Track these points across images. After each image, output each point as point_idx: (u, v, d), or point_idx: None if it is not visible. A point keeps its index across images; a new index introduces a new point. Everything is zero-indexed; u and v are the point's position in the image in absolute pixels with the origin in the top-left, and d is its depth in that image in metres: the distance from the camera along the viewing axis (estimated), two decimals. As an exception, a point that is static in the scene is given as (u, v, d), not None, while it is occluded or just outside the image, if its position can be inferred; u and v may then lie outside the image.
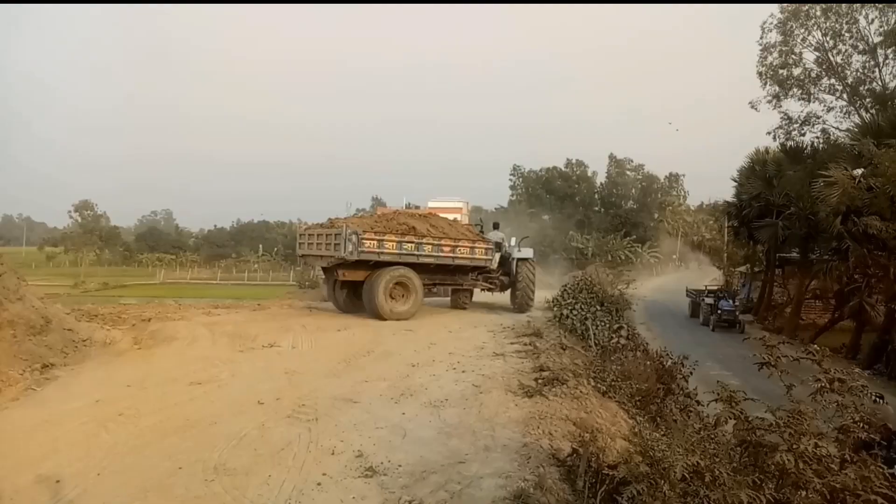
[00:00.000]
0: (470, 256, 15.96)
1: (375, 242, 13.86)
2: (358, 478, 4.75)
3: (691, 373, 10.47)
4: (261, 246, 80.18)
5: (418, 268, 14.76)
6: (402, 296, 14.58)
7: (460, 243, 15.75)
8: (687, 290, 31.34)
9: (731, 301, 26.18)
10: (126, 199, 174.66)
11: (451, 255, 15.45)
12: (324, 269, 15.46)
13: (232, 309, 16.11)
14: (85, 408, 6.54)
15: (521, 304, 17.42)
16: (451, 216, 19.55)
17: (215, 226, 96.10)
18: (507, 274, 17.69)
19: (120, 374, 8.14)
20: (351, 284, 14.77)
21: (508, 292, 18.04)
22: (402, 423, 6.20)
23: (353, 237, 13.39)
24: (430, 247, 14.91)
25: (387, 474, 4.83)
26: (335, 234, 13.63)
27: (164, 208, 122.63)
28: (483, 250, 16.25)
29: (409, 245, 14.52)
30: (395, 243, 14.25)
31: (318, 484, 4.63)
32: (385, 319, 13.85)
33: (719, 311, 25.07)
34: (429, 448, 5.46)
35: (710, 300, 26.69)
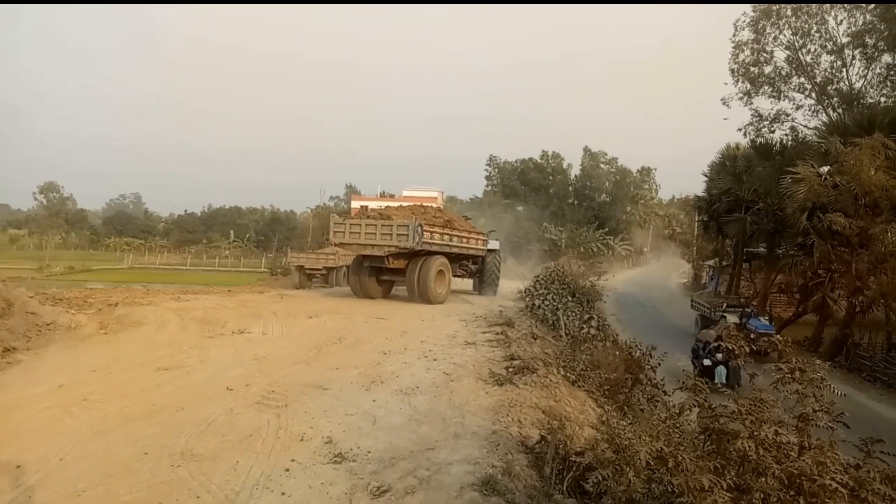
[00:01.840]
0: (475, 247, 18.19)
1: (429, 234, 15.39)
2: (327, 464, 4.73)
3: (659, 363, 10.69)
4: (232, 232, 79.16)
5: (448, 256, 16.63)
6: (440, 282, 16.30)
7: (471, 235, 17.98)
8: (693, 301, 25.86)
9: (762, 318, 20.32)
10: (93, 181, 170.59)
11: (465, 245, 17.48)
12: (362, 256, 16.42)
13: (202, 295, 15.90)
14: (48, 392, 6.41)
15: (487, 288, 19.54)
16: (426, 206, 20.72)
17: (186, 211, 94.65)
18: (475, 262, 19.44)
19: (85, 359, 7.99)
20: (376, 271, 16.45)
21: (473, 280, 20.35)
22: (373, 409, 6.18)
23: (419, 229, 14.83)
24: (456, 238, 16.85)
25: (356, 460, 4.82)
26: (400, 226, 15.00)
27: (132, 192, 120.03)
28: (481, 241, 18.51)
29: (447, 237, 16.35)
30: (439, 235, 15.95)
31: (287, 470, 4.60)
32: (432, 303, 15.50)
33: (751, 335, 17.13)
34: (398, 435, 5.46)
35: (732, 317, 20.11)
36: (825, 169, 17.55)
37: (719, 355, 14.78)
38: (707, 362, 15.25)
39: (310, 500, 4.11)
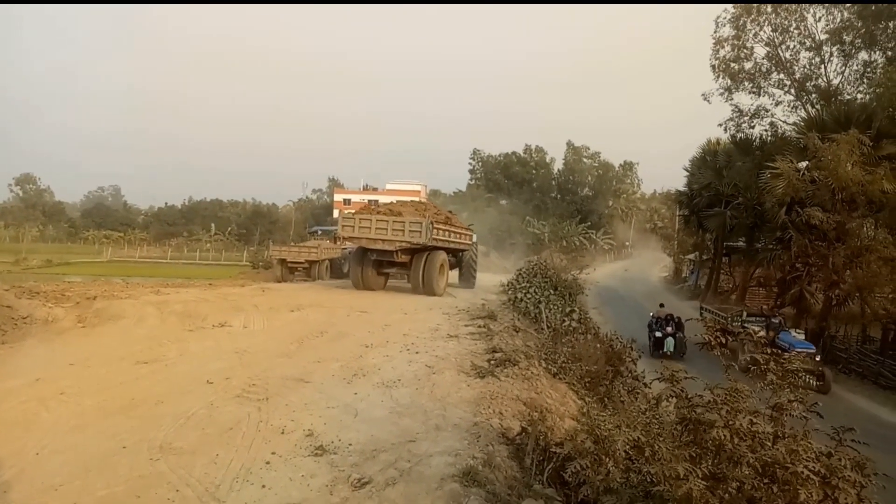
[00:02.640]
0: (465, 242, 19.25)
1: (436, 230, 16.16)
2: (307, 456, 4.73)
3: (640, 356, 10.81)
4: (213, 225, 78.37)
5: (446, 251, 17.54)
6: (442, 275, 17.25)
7: (462, 230, 18.99)
8: (703, 309, 21.31)
9: (795, 332, 16.85)
10: (72, 173, 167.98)
11: (459, 240, 18.45)
12: (365, 250, 16.98)
13: (182, 288, 15.75)
14: (24, 386, 6.31)
15: (466, 280, 20.44)
16: (408, 198, 21.30)
17: (166, 203, 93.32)
18: (455, 255, 19.85)
19: (62, 353, 7.88)
20: (378, 264, 17.17)
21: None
22: (354, 402, 6.18)
23: (431, 226, 15.68)
24: (453, 234, 17.76)
25: (337, 453, 4.82)
26: (413, 222, 15.73)
27: (111, 184, 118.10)
28: (469, 236, 19.58)
29: (447, 233, 17.17)
30: (443, 231, 16.71)
31: (267, 463, 4.59)
32: (435, 295, 16.28)
33: (786, 354, 12.22)
34: (380, 427, 5.47)
35: (756, 328, 16.35)
36: (803, 164, 17.80)
37: (669, 329, 17.95)
38: (658, 335, 17.95)
39: (290, 492, 4.10)
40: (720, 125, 27.24)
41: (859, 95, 22.71)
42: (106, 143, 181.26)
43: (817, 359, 14.82)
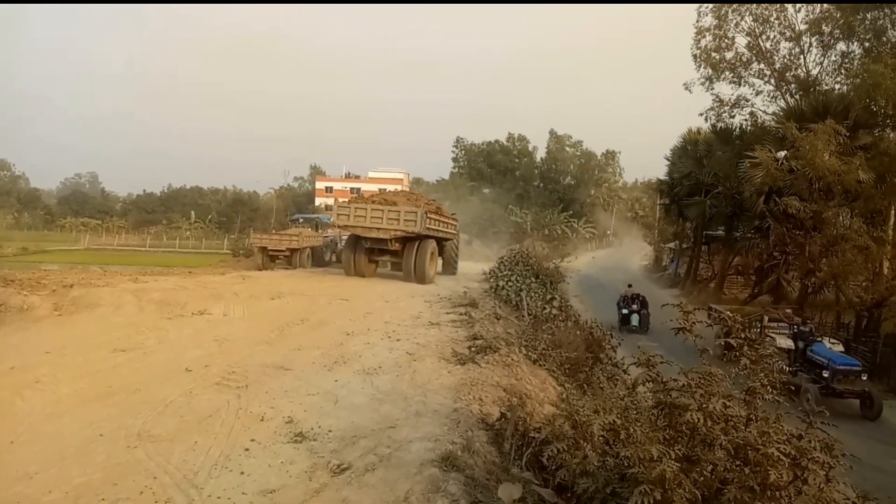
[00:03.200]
0: (451, 231, 19.76)
1: (429, 220, 16.70)
2: (287, 443, 4.73)
3: (619, 343, 10.92)
4: (193, 213, 77.45)
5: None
6: (432, 263, 17.95)
7: (448, 219, 19.50)
8: (712, 311, 16.24)
9: (831, 342, 13.66)
10: (47, 159, 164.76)
11: (446, 230, 18.96)
12: (357, 238, 17.59)
13: (161, 276, 15.60)
14: (-2, 375, 6.22)
15: (448, 267, 20.90)
16: (391, 187, 21.49)
17: (144, 191, 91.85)
18: (439, 243, 19.90)
19: (37, 341, 7.77)
20: (369, 252, 17.72)
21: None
22: (335, 389, 6.18)
23: (426, 215, 16.26)
24: (441, 224, 18.31)
25: (316, 439, 4.82)
26: (408, 212, 16.28)
27: (89, 171, 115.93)
28: (454, 225, 20.12)
29: (437, 222, 17.77)
30: (434, 220, 17.27)
31: (246, 449, 4.58)
32: (427, 283, 16.83)
33: (822, 371, 12.42)
34: (360, 414, 5.48)
35: (783, 340, 13.65)
36: (782, 154, 17.99)
37: (634, 306, 19.86)
38: (625, 311, 19.82)
39: (269, 478, 4.10)
40: (701, 114, 27.36)
41: (837, 86, 22.96)
42: (85, 128, 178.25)
43: (864, 377, 12.38)
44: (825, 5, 23.22)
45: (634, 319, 19.49)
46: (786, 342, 13.65)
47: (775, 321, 15.49)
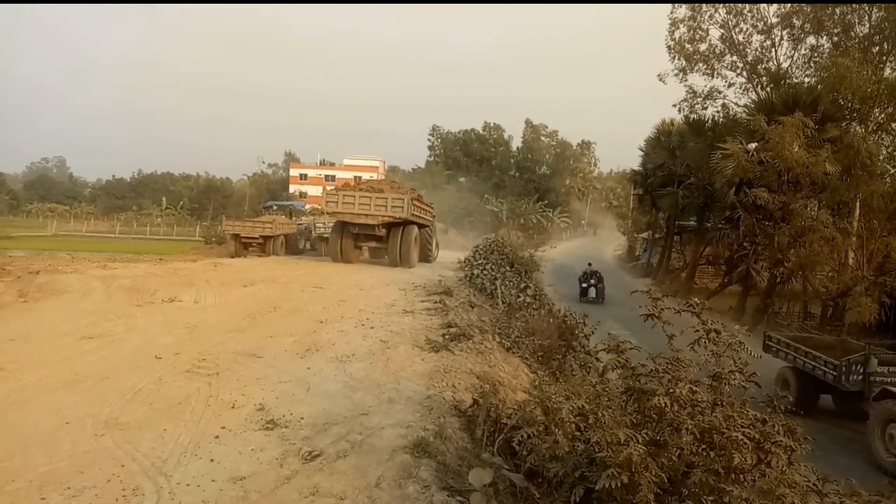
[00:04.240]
0: (429, 218, 20.56)
1: (414, 206, 17.55)
2: (258, 430, 4.70)
3: (593, 332, 11.02)
4: (164, 199, 76.00)
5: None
6: (415, 249, 18.58)
7: (428, 207, 20.37)
8: (772, 344, 13.03)
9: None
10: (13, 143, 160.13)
11: (425, 216, 19.67)
12: (344, 224, 18.10)
13: (131, 263, 15.33)
14: (-41, 363, 6.07)
15: (425, 256, 21.15)
16: (366, 174, 21.80)
17: (114, 176, 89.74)
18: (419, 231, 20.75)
19: (1, 328, 7.60)
20: (355, 238, 18.34)
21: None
22: (307, 377, 6.15)
23: (411, 201, 17.16)
24: (423, 211, 19.24)
25: (288, 426, 4.80)
26: (395, 199, 17.10)
27: (56, 155, 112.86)
28: (432, 213, 21.06)
29: (419, 209, 18.57)
30: (417, 207, 18.13)
31: (216, 437, 4.54)
32: (411, 267, 17.67)
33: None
34: (332, 401, 5.46)
35: (822, 368, 11.13)
36: (752, 146, 18.30)
37: (592, 281, 23.78)
38: (584, 285, 23.76)
39: (239, 466, 4.07)
40: (674, 106, 27.58)
41: (807, 79, 23.32)
42: (52, 113, 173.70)
43: None
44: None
45: (592, 292, 23.46)
46: (822, 368, 10.89)
47: (887, 364, 10.82)
